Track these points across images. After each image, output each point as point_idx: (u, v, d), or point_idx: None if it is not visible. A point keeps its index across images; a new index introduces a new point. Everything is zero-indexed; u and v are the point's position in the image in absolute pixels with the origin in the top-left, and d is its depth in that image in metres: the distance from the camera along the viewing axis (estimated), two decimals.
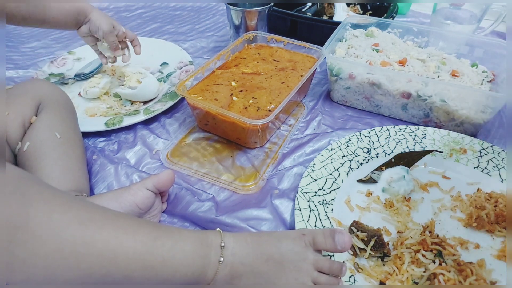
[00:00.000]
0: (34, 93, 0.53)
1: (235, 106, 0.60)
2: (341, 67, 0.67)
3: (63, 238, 0.28)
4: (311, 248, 0.39)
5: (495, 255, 0.45)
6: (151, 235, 0.33)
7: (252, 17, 0.80)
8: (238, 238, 0.38)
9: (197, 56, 0.91)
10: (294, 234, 0.39)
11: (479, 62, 0.69)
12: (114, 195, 0.46)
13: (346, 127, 0.67)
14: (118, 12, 1.15)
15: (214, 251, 0.36)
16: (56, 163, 0.48)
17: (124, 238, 0.32)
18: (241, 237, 0.38)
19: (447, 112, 0.62)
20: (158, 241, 0.33)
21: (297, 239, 0.38)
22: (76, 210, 0.31)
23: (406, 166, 0.56)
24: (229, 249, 0.37)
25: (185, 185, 0.56)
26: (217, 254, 0.36)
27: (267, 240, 0.38)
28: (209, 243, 0.37)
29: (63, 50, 0.94)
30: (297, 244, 0.38)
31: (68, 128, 0.53)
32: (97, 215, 0.32)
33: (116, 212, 0.34)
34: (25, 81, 0.56)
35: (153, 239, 0.33)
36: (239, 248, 0.37)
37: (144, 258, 0.32)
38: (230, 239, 0.38)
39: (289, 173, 0.57)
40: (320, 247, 0.39)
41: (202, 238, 0.37)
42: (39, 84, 0.55)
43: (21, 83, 0.55)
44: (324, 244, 0.38)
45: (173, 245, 0.34)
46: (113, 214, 0.34)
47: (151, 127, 0.67)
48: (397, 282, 0.41)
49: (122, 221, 0.33)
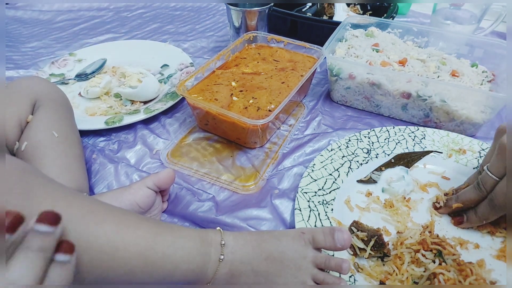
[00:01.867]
0: (29, 91, 0.52)
1: (235, 106, 0.60)
2: (341, 67, 0.67)
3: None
4: (311, 246, 0.39)
5: (495, 255, 0.45)
6: (153, 231, 0.33)
7: (252, 17, 0.80)
8: (238, 237, 0.38)
9: (197, 56, 0.91)
10: (294, 232, 0.39)
11: (479, 62, 0.69)
12: (114, 194, 0.46)
13: (346, 127, 0.67)
14: (118, 12, 1.15)
15: (214, 249, 0.36)
16: (54, 163, 0.48)
17: (125, 233, 0.31)
18: (241, 236, 0.39)
19: (447, 112, 0.62)
20: (159, 237, 0.33)
21: (297, 237, 0.39)
22: (77, 204, 0.31)
23: (405, 167, 0.56)
24: (229, 247, 0.37)
25: (185, 185, 0.56)
26: (217, 252, 0.36)
27: (267, 239, 0.38)
28: (209, 241, 0.37)
29: (63, 50, 0.94)
30: (296, 243, 0.38)
31: (66, 127, 0.52)
32: (98, 210, 0.32)
33: (118, 208, 0.34)
34: (20, 79, 0.54)
35: (154, 235, 0.33)
36: (238, 246, 0.37)
37: (145, 253, 0.32)
38: (230, 238, 0.38)
39: (289, 173, 0.57)
40: (319, 245, 0.39)
41: (203, 236, 0.37)
42: (34, 81, 0.54)
43: (16, 80, 0.53)
44: (323, 242, 0.38)
45: (174, 241, 0.34)
46: (115, 209, 0.34)
47: (151, 127, 0.67)
48: (397, 282, 0.41)
49: (123, 216, 0.33)
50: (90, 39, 0.99)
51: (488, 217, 0.45)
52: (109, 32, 1.03)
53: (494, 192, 0.43)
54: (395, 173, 0.54)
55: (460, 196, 0.47)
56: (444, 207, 0.49)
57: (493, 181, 0.43)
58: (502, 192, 0.42)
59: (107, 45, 0.91)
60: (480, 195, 0.45)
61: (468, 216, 0.47)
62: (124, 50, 0.89)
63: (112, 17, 1.12)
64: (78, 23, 1.08)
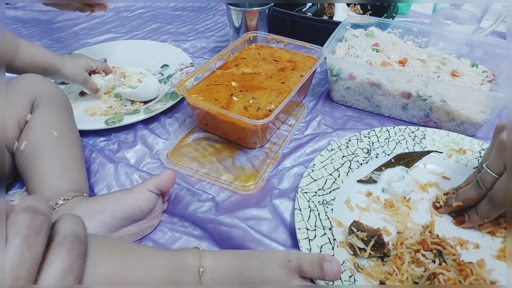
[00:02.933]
0: (28, 89, 0.52)
1: (235, 106, 0.60)
2: (341, 67, 0.67)
3: None
4: (297, 275, 0.36)
5: (495, 255, 0.45)
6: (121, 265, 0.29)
7: (252, 17, 0.80)
8: (219, 260, 0.35)
9: (197, 56, 0.91)
10: (280, 259, 0.36)
11: (479, 62, 0.69)
12: (116, 197, 0.45)
13: (346, 127, 0.67)
14: (118, 12, 1.15)
15: (192, 277, 0.33)
16: (54, 162, 0.48)
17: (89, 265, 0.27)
18: (223, 259, 0.36)
19: (447, 112, 0.62)
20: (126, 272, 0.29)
21: (282, 265, 0.36)
22: None
23: (406, 167, 0.56)
24: (208, 273, 0.34)
25: (185, 185, 0.56)
26: (195, 280, 0.33)
27: (250, 266, 0.35)
28: (186, 268, 0.34)
29: (63, 50, 0.94)
30: (281, 271, 0.35)
31: (65, 126, 0.52)
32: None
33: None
34: (18, 77, 0.54)
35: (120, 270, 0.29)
36: (219, 272, 0.35)
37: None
38: (209, 262, 0.35)
39: (289, 173, 0.57)
40: (306, 275, 0.36)
41: (179, 262, 0.34)
42: (33, 80, 0.54)
43: (14, 79, 0.53)
44: (311, 272, 0.36)
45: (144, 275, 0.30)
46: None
47: (151, 127, 0.67)
48: (397, 282, 0.41)
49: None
50: (90, 39, 0.99)
51: (489, 215, 0.45)
52: (109, 32, 1.03)
53: (493, 190, 0.43)
54: (395, 173, 0.54)
55: (460, 195, 0.47)
56: (444, 206, 0.49)
57: (492, 178, 0.43)
58: (502, 188, 0.42)
59: (107, 45, 0.91)
60: (480, 193, 0.45)
61: (470, 215, 0.47)
62: (124, 50, 0.89)
63: (112, 17, 1.12)
64: (78, 23, 1.08)
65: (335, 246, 0.45)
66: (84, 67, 0.69)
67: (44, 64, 0.62)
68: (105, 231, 0.44)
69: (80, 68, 0.68)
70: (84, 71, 0.69)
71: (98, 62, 0.72)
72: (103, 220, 0.43)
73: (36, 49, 0.62)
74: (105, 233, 0.44)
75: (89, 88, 0.70)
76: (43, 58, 0.62)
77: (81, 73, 0.68)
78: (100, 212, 0.44)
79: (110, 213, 0.44)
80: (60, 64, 0.65)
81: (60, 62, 0.65)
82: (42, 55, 0.62)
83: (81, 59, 0.70)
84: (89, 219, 0.43)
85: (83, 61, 0.69)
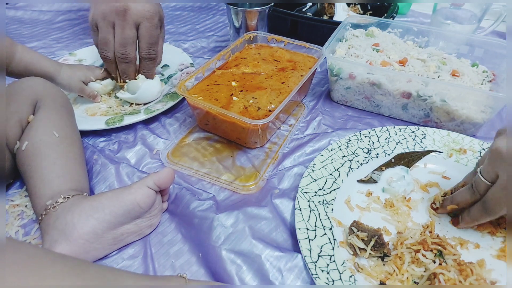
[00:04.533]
0: (31, 91, 0.53)
1: (235, 106, 0.60)
2: (341, 67, 0.67)
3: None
4: None
5: (495, 255, 0.45)
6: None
7: (252, 17, 0.80)
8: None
9: (197, 56, 0.91)
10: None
11: (479, 62, 0.69)
12: (115, 194, 0.45)
13: (346, 127, 0.67)
14: None
15: None
16: (55, 163, 0.48)
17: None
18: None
19: (447, 112, 0.62)
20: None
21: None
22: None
23: (406, 166, 0.56)
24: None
25: (185, 185, 0.56)
26: None
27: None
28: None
29: (63, 50, 0.94)
30: None
31: (66, 127, 0.53)
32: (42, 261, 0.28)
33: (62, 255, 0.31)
34: (21, 79, 0.55)
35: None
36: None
37: None
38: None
39: (289, 173, 0.57)
40: None
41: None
42: (34, 82, 0.54)
43: (17, 81, 0.54)
44: None
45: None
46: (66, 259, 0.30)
47: (152, 127, 0.67)
48: (397, 282, 0.41)
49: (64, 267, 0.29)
50: (90, 39, 0.99)
51: (479, 219, 0.44)
52: None
53: (487, 196, 0.42)
54: (396, 173, 0.54)
55: (455, 197, 0.47)
56: (440, 207, 0.49)
57: (485, 185, 0.42)
58: (494, 197, 0.41)
59: None
60: (474, 197, 0.44)
61: (462, 216, 0.47)
62: None
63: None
64: (78, 23, 1.08)
65: (335, 246, 0.45)
66: (81, 79, 0.68)
67: (39, 71, 0.62)
68: (104, 229, 0.44)
69: (76, 79, 0.68)
70: (80, 82, 0.68)
71: (98, 71, 0.71)
72: (102, 217, 0.44)
73: (33, 55, 0.62)
74: (104, 230, 0.44)
75: (86, 95, 0.70)
76: (38, 66, 0.62)
77: (77, 83, 0.67)
78: (99, 209, 0.44)
79: (108, 210, 0.44)
80: (56, 73, 0.65)
81: (56, 71, 0.65)
82: (38, 63, 0.62)
83: (80, 70, 0.69)
84: (88, 217, 0.43)
85: (81, 72, 0.69)
